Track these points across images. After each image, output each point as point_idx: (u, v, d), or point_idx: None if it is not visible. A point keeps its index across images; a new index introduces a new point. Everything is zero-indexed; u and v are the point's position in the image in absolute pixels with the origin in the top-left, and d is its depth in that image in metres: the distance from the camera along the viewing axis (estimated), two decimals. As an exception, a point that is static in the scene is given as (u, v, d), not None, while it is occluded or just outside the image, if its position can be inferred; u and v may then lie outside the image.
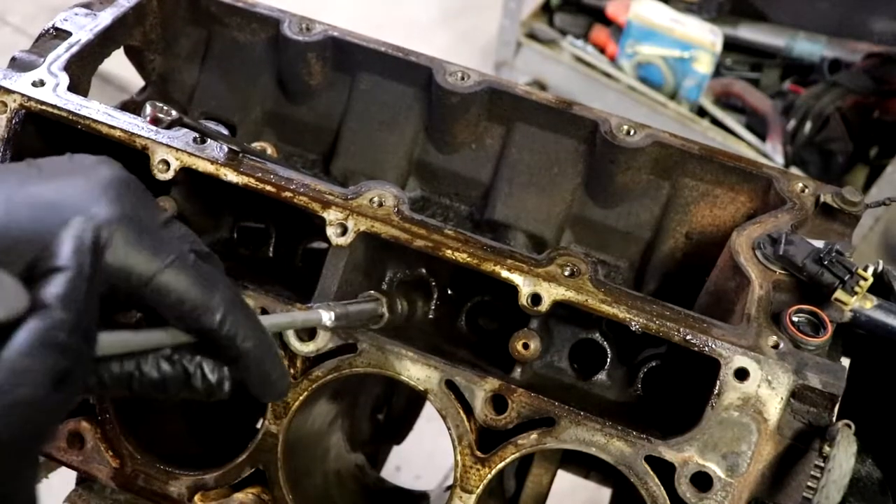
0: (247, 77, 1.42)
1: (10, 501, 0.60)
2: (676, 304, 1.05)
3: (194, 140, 1.13)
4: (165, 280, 0.73)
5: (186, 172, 1.12)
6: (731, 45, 3.70)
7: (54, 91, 1.16)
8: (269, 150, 1.30)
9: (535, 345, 1.05)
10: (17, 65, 1.20)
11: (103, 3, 1.32)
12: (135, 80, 1.45)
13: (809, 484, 0.93)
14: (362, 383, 1.44)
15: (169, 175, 1.12)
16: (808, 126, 3.43)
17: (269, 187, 1.10)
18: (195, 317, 0.75)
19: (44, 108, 1.15)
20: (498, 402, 1.04)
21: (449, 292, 1.22)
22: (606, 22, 3.79)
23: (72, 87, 1.18)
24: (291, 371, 1.08)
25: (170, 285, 0.73)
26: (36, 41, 1.27)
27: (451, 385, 1.05)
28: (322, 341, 1.06)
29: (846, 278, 1.01)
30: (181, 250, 0.76)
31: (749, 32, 3.76)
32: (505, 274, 1.04)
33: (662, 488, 0.99)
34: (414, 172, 1.40)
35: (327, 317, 0.95)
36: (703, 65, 3.57)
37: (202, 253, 0.79)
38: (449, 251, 1.06)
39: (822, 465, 0.93)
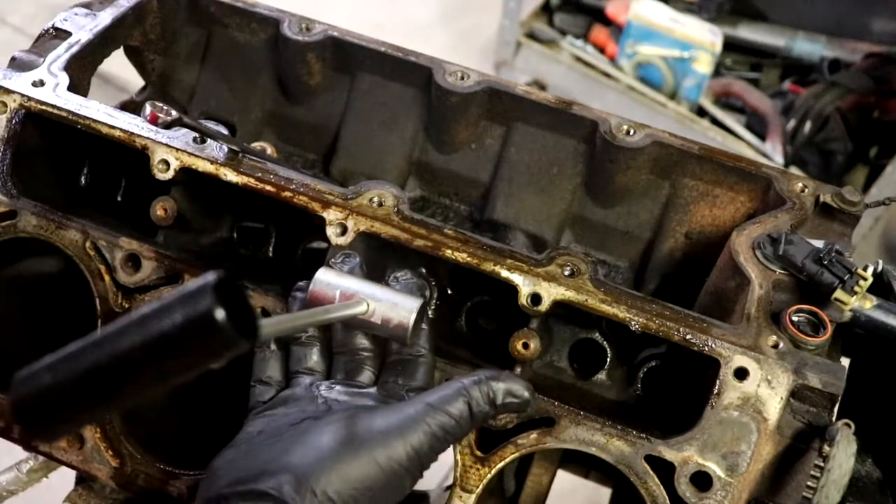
0: (247, 77, 1.42)
1: None
2: (676, 304, 1.05)
3: (194, 140, 1.13)
4: None
5: (186, 172, 1.12)
6: (731, 45, 3.71)
7: (54, 91, 1.16)
8: (269, 150, 1.30)
9: (534, 344, 1.05)
10: (16, 65, 1.20)
11: (103, 3, 1.32)
12: (135, 80, 1.45)
13: (809, 483, 0.93)
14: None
15: (169, 175, 1.12)
16: (808, 126, 3.43)
17: (268, 187, 1.10)
18: None
19: (44, 107, 1.15)
20: (498, 401, 1.04)
21: (449, 292, 1.22)
22: (606, 22, 3.79)
23: (72, 87, 1.18)
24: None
25: None
26: (36, 41, 1.27)
27: (450, 385, 1.05)
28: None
29: (846, 278, 1.01)
30: None
31: (749, 32, 3.76)
32: (505, 274, 1.04)
33: (662, 488, 0.99)
34: (414, 172, 1.40)
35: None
36: (703, 65, 3.57)
37: None
38: (449, 251, 1.06)
39: (821, 464, 0.93)
